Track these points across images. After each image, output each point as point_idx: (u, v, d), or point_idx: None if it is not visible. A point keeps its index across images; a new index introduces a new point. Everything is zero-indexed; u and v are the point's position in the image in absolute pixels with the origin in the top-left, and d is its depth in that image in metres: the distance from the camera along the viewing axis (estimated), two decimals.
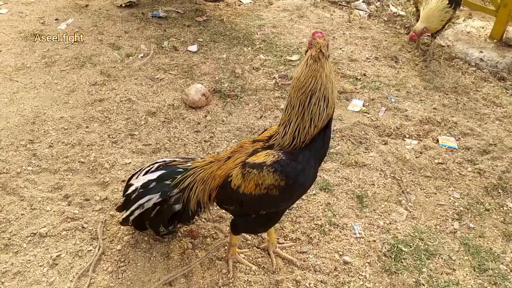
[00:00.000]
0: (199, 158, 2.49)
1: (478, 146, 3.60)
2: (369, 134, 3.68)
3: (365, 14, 5.93)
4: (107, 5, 5.57)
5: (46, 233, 2.73)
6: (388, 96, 4.16)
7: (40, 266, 2.56)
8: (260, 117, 3.78)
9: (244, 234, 2.76)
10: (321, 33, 1.99)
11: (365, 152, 3.49)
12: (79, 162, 3.24)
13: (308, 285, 2.51)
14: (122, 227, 2.75)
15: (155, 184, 2.40)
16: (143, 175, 2.49)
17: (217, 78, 4.25)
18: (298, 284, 2.51)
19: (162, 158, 3.23)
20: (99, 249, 2.63)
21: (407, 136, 3.68)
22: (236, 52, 4.68)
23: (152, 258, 2.62)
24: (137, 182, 2.45)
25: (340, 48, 4.93)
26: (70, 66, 4.36)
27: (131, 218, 2.48)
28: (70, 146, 3.38)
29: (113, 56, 4.54)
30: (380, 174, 3.30)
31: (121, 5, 5.52)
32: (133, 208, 2.43)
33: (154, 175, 2.42)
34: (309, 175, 2.06)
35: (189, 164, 2.43)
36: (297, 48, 4.80)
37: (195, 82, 4.15)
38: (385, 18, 5.80)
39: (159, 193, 2.37)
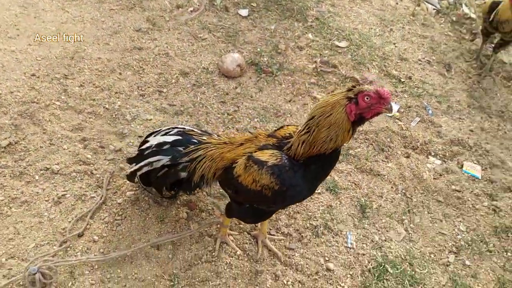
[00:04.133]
0: (216, 135, 2.51)
1: (504, 181, 3.44)
2: (394, 143, 3.58)
3: (434, 9, 5.60)
4: None
5: (58, 170, 2.89)
6: (426, 107, 4.00)
7: (46, 201, 2.73)
8: (289, 101, 3.74)
9: None
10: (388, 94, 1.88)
11: (384, 161, 3.42)
12: (103, 107, 3.35)
13: (285, 282, 2.57)
14: (127, 181, 2.87)
15: (168, 147, 2.46)
16: (161, 135, 2.55)
17: (258, 49, 4.19)
18: (277, 278, 2.57)
19: (183, 123, 3.30)
20: (101, 198, 2.77)
21: (432, 154, 3.57)
22: (285, 26, 4.57)
23: (147, 219, 2.73)
24: (153, 140, 2.52)
25: (394, 44, 4.72)
26: (120, 6, 4.40)
27: (139, 173, 2.55)
28: (100, 90, 3.49)
29: (163, 4, 4.53)
30: (391, 187, 3.25)
31: None
32: (142, 163, 2.49)
33: (170, 138, 2.47)
34: (303, 190, 2.07)
35: (204, 138, 2.47)
36: (349, 35, 4.63)
37: (236, 50, 4.12)
38: (454, 18, 5.45)
39: (170, 157, 2.43)
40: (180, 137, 2.48)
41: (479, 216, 3.18)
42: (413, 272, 2.74)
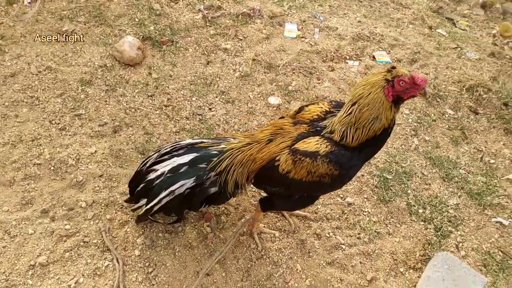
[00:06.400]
0: (232, 139, 2.32)
1: (406, 56, 3.95)
2: (315, 61, 3.74)
3: None
4: None
5: (47, 260, 2.41)
6: (316, 15, 4.16)
7: None
8: (207, 64, 3.54)
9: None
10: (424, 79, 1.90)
11: (319, 83, 3.59)
12: (34, 164, 2.76)
13: (328, 235, 2.74)
14: (128, 230, 2.56)
15: (187, 168, 2.22)
16: (159, 157, 2.29)
17: (137, 20, 3.73)
18: (319, 236, 2.72)
19: (130, 137, 2.95)
20: (118, 261, 2.45)
21: (348, 57, 3.84)
22: None
23: (176, 253, 2.54)
24: (163, 167, 2.23)
25: None
26: None
27: (156, 208, 2.28)
28: (11, 146, 2.82)
29: None
30: None
31: None
32: (162, 195, 2.22)
33: (184, 159, 2.22)
34: (359, 167, 2.14)
35: (223, 146, 2.27)
36: None
37: (115, 30, 3.61)
38: None
39: (194, 178, 2.21)
40: (197, 154, 2.25)
41: None
42: (403, 168, 3.14)
